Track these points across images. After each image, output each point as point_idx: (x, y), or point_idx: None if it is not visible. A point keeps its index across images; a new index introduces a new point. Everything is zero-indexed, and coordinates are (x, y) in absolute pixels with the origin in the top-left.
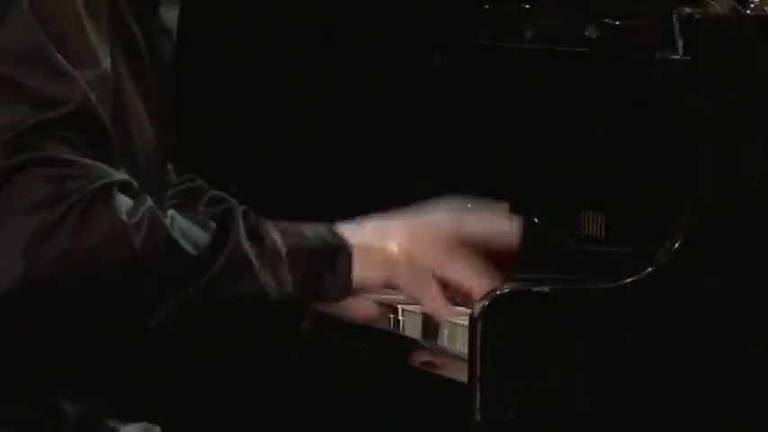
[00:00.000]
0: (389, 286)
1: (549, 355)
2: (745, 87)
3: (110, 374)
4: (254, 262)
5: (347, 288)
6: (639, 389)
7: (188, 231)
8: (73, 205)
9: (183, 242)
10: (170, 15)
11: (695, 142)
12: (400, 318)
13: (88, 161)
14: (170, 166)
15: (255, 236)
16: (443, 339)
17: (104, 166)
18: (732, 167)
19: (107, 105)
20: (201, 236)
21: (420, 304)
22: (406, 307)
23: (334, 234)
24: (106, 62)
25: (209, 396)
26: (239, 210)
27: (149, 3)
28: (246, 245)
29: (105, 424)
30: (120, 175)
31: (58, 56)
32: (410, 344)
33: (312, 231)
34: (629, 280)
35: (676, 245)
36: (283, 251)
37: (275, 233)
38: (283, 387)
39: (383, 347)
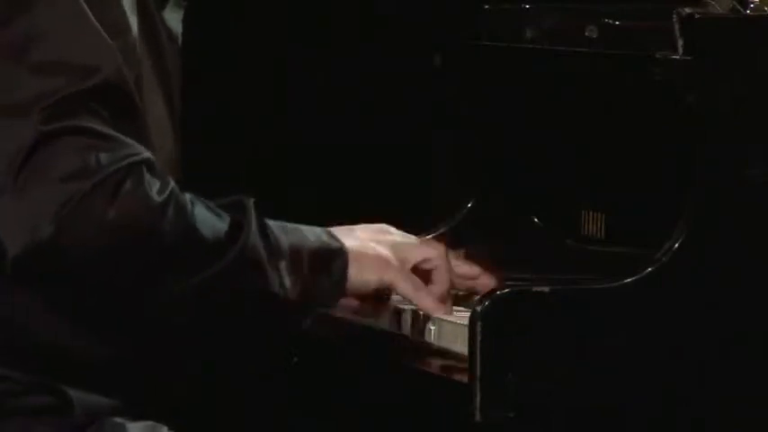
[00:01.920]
0: (383, 287)
1: (548, 355)
2: (745, 87)
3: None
4: (263, 256)
5: (341, 291)
6: (639, 388)
7: (206, 218)
8: (105, 179)
9: (202, 228)
10: (175, 18)
11: (695, 142)
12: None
13: (120, 136)
14: None
15: (264, 231)
16: (444, 339)
17: (134, 142)
18: (732, 167)
19: (133, 73)
20: (218, 225)
21: (415, 303)
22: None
23: (331, 236)
24: (135, 30)
25: (212, 396)
26: (251, 203)
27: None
28: (258, 240)
29: (112, 421)
30: (148, 153)
31: (95, 23)
32: (410, 344)
33: (310, 232)
34: (629, 280)
35: (676, 245)
36: (285, 249)
37: (277, 230)
38: (283, 387)
39: (383, 347)
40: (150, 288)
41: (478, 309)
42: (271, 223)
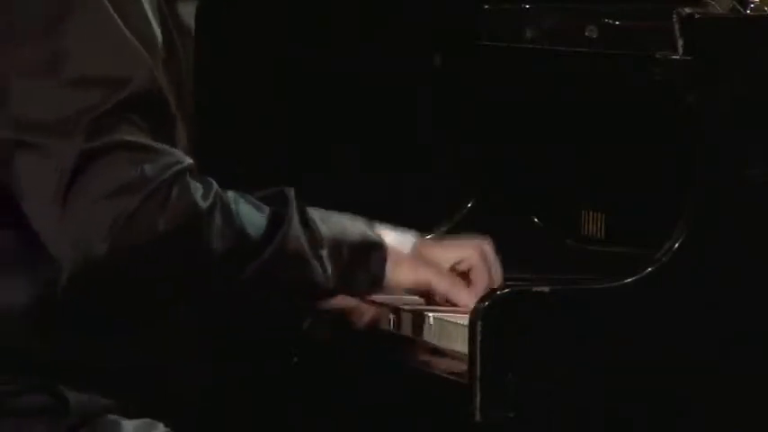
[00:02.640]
0: (419, 287)
1: (548, 355)
2: (745, 87)
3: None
4: (306, 248)
5: (378, 285)
6: (639, 388)
7: (249, 214)
8: (153, 191)
9: (247, 225)
10: (187, 11)
11: (695, 142)
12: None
13: (160, 146)
14: None
15: (306, 221)
16: (444, 339)
17: (174, 151)
18: (732, 167)
19: (162, 79)
20: (261, 219)
21: (454, 300)
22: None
23: (372, 230)
24: (159, 36)
25: (211, 395)
26: (291, 193)
27: None
28: (300, 230)
29: (107, 418)
30: (189, 159)
31: (126, 32)
32: (410, 344)
33: (351, 224)
34: (629, 280)
35: (676, 245)
36: (326, 240)
37: (318, 220)
38: (283, 387)
39: (383, 347)
40: (202, 289)
41: (478, 309)
42: (313, 212)
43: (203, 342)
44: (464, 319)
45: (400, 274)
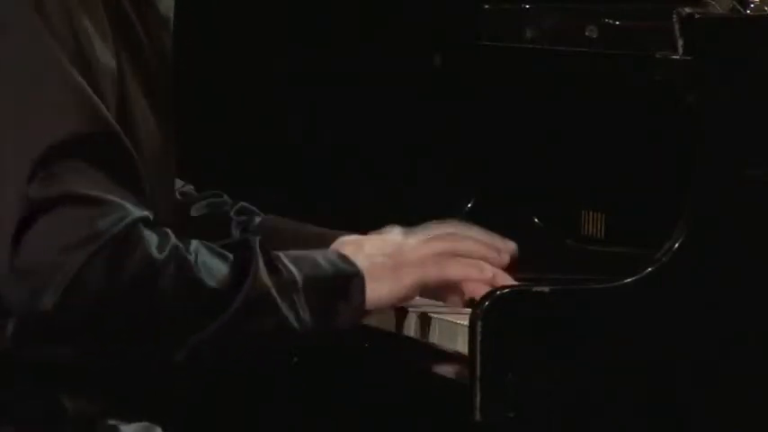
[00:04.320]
0: (408, 296)
1: (548, 355)
2: (745, 87)
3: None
4: (275, 295)
5: (361, 313)
6: (639, 388)
7: (210, 264)
8: (103, 246)
9: (206, 278)
10: (166, 4)
11: (695, 142)
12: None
13: (112, 198)
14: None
15: (273, 267)
16: (444, 339)
17: (125, 202)
18: (732, 167)
19: (113, 107)
20: (222, 269)
21: (450, 281)
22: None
23: (345, 260)
24: (107, 57)
25: (210, 396)
26: (256, 240)
27: None
28: (266, 277)
29: (106, 423)
30: (143, 212)
31: (67, 66)
32: (410, 344)
33: (323, 259)
34: (629, 280)
35: (676, 245)
36: (299, 281)
37: (289, 263)
38: (284, 387)
39: (384, 348)
40: (161, 346)
41: (478, 309)
42: (282, 256)
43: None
44: (464, 319)
45: (382, 292)
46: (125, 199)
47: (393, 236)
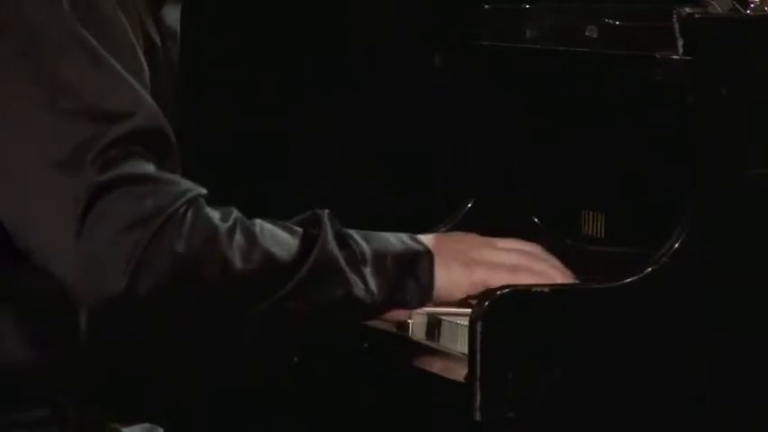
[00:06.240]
0: (477, 288)
1: (548, 355)
2: (745, 87)
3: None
4: (342, 265)
5: (429, 293)
6: (640, 389)
7: (277, 236)
8: (167, 220)
9: (274, 247)
10: (172, 16)
11: (695, 142)
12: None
13: (170, 176)
14: None
15: (342, 239)
16: (444, 339)
17: (184, 180)
18: (732, 167)
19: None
20: (290, 240)
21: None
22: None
23: (416, 240)
24: (144, 61)
25: (211, 397)
26: (325, 214)
27: (156, 3)
28: (335, 248)
29: (108, 426)
30: (202, 189)
31: (119, 67)
32: (411, 344)
33: (394, 237)
34: (629, 280)
35: (676, 245)
36: (368, 254)
37: (358, 237)
38: (284, 387)
39: (384, 347)
40: (232, 312)
41: (478, 309)
42: (352, 232)
43: (202, 345)
44: (464, 319)
45: (452, 277)
46: (182, 179)
47: (473, 236)
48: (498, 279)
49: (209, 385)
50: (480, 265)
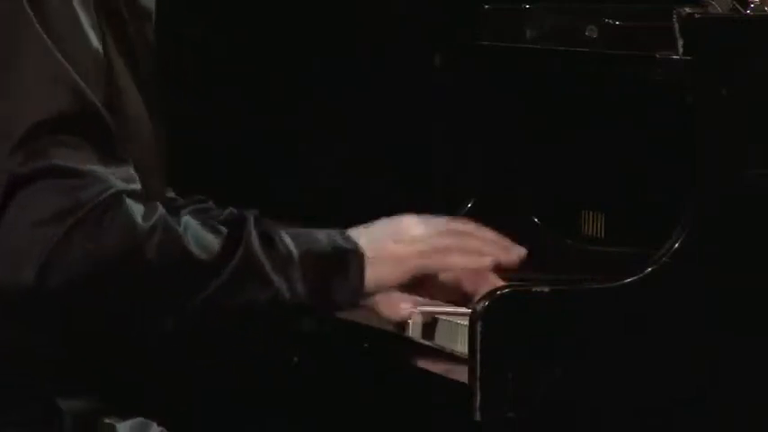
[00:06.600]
0: (410, 279)
1: (548, 355)
2: (745, 87)
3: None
4: (267, 266)
5: (359, 293)
6: (640, 388)
7: (200, 236)
8: (86, 215)
9: (195, 247)
10: None
11: (695, 142)
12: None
13: (96, 168)
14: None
15: (268, 240)
16: (443, 339)
17: (109, 176)
18: (732, 167)
19: (100, 91)
20: (213, 241)
21: (455, 266)
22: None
23: (345, 238)
24: (96, 44)
25: (208, 395)
26: (251, 215)
27: None
28: (259, 249)
29: (102, 421)
30: (129, 185)
31: (51, 46)
32: (411, 344)
33: (324, 235)
34: (629, 280)
35: (676, 245)
36: (295, 255)
37: (287, 238)
38: (283, 387)
39: (383, 347)
40: (150, 313)
41: (478, 309)
42: (280, 231)
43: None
44: (464, 319)
45: (383, 273)
46: (111, 174)
47: (405, 222)
48: (431, 264)
49: (206, 383)
50: (412, 253)
